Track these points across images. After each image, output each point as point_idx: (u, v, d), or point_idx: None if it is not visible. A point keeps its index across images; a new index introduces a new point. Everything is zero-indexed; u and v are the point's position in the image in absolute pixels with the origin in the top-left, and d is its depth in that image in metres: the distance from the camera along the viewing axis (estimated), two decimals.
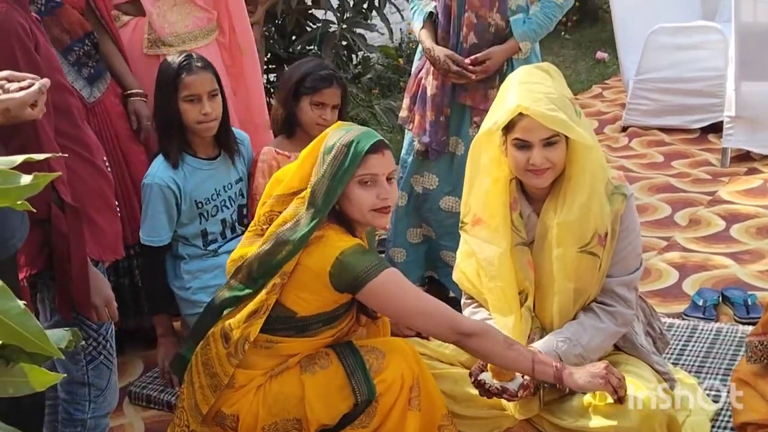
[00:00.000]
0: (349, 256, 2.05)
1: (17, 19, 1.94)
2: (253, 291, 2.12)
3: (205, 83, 2.75)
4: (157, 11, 3.14)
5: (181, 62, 2.74)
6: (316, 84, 2.86)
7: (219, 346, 2.13)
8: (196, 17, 3.25)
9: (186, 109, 2.73)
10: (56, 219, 1.98)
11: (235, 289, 2.17)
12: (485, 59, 2.97)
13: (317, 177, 2.09)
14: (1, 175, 0.85)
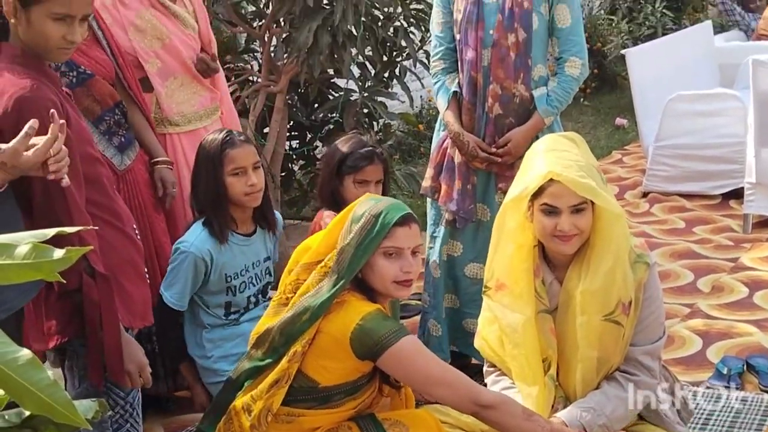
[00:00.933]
0: (369, 321, 2.06)
1: (47, 95, 2.01)
2: (274, 360, 2.12)
3: (249, 156, 2.79)
4: (165, 90, 3.22)
5: (224, 138, 2.80)
6: (357, 163, 2.93)
7: (242, 419, 2.12)
8: (202, 97, 3.33)
9: (232, 183, 2.77)
10: (88, 288, 2.01)
11: (255, 360, 2.17)
12: (506, 142, 3.03)
13: (343, 244, 2.12)
14: (35, 249, 0.88)
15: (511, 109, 3.05)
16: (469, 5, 3.05)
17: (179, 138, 3.27)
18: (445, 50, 3.20)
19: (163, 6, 3.23)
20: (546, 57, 3.13)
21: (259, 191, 2.81)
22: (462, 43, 3.10)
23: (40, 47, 2.05)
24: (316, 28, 4.16)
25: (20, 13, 2.00)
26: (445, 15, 3.19)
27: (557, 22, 3.05)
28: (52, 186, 1.98)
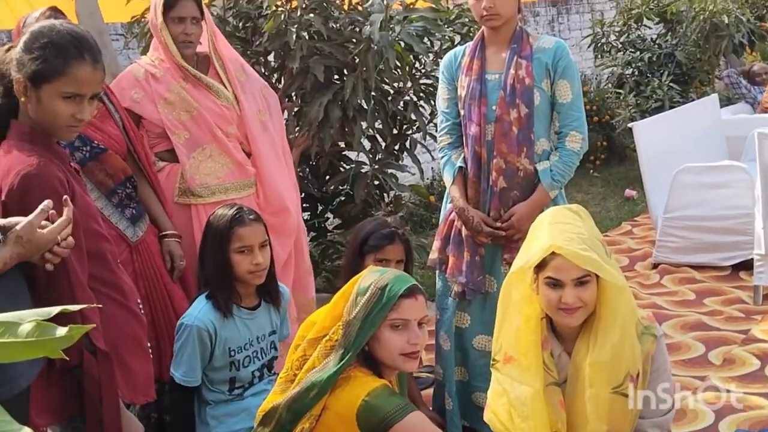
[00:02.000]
0: (376, 397, 2.05)
1: (54, 172, 2.05)
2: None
3: (257, 234, 2.82)
4: (191, 162, 3.27)
5: (234, 215, 2.82)
6: (378, 242, 3.02)
7: None
8: (230, 170, 3.36)
9: (238, 260, 2.79)
10: (88, 364, 2.03)
11: None
12: (510, 216, 3.06)
13: (349, 318, 2.12)
14: (39, 327, 0.90)
15: (516, 183, 3.09)
16: (473, 82, 3.13)
17: (204, 209, 3.29)
18: (451, 125, 3.27)
19: (196, 78, 3.31)
20: (548, 131, 3.18)
21: (263, 270, 2.83)
22: (466, 119, 3.16)
23: (49, 125, 2.10)
24: (326, 102, 4.24)
25: (30, 92, 2.06)
26: (450, 91, 3.27)
27: (558, 97, 3.11)
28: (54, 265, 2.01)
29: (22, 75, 2.05)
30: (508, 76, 3.06)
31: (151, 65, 3.30)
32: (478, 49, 3.17)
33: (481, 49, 3.17)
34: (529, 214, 2.98)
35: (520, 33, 3.12)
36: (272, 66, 4.81)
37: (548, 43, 3.13)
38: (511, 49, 3.09)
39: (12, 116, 2.14)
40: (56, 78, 2.04)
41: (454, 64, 3.27)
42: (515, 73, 3.04)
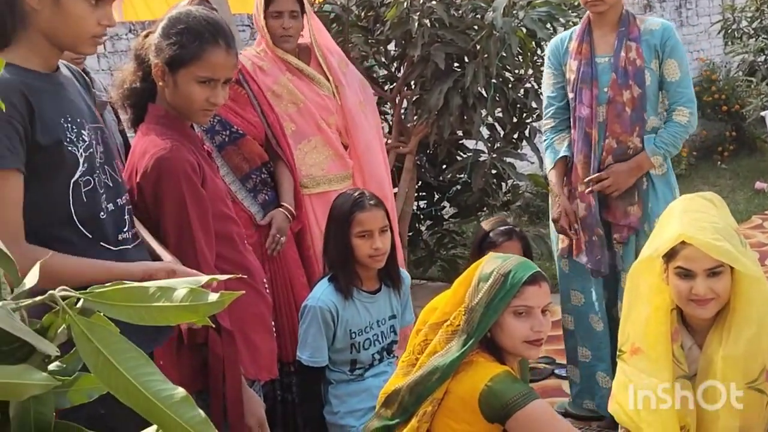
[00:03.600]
0: (498, 383, 2.03)
1: (185, 155, 2.12)
2: (404, 420, 2.12)
3: (376, 219, 2.83)
4: (297, 153, 3.33)
5: (355, 199, 2.85)
6: (496, 239, 3.08)
7: None
8: (333, 162, 3.41)
9: (358, 244, 2.82)
10: (213, 342, 2.09)
11: (384, 419, 2.17)
12: (606, 177, 3.17)
13: (471, 304, 2.11)
14: (192, 293, 0.93)
15: (623, 160, 3.18)
16: (583, 66, 3.21)
17: (310, 199, 3.35)
18: (556, 109, 3.37)
19: (299, 70, 3.37)
20: (657, 109, 3.27)
21: (383, 255, 2.85)
22: (576, 101, 3.24)
23: (184, 108, 2.17)
24: (447, 90, 4.23)
25: (167, 77, 2.13)
26: (556, 76, 3.36)
27: (667, 76, 3.20)
28: (185, 244, 2.09)
29: (159, 60, 2.12)
30: (618, 59, 3.15)
31: (257, 57, 3.36)
32: (585, 33, 3.25)
33: (588, 33, 3.26)
34: (627, 172, 3.16)
35: (627, 16, 3.22)
36: (392, 55, 4.84)
37: (655, 25, 3.22)
38: (620, 32, 3.18)
39: (150, 100, 2.22)
40: (191, 63, 2.10)
41: (561, 48, 3.34)
42: (626, 56, 3.14)
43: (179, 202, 2.08)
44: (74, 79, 1.93)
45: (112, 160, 1.92)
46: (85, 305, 0.95)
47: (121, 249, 1.88)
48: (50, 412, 0.98)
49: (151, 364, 0.92)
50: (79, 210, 1.78)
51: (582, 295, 3.39)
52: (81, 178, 1.78)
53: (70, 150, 1.76)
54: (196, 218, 2.09)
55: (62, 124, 1.76)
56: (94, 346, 0.91)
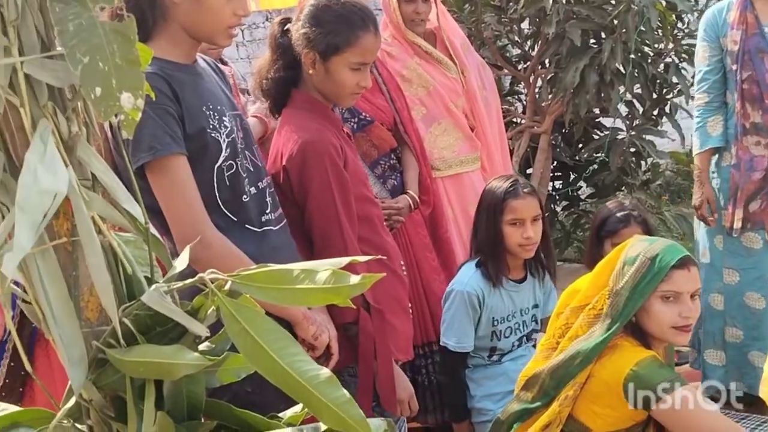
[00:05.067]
0: (644, 368, 1.97)
1: (329, 138, 2.16)
2: (545, 404, 2.09)
3: (530, 208, 2.77)
4: (428, 136, 3.31)
5: (508, 187, 2.79)
6: (614, 226, 2.92)
7: None
8: (463, 143, 3.38)
9: (509, 232, 2.77)
10: (363, 321, 2.13)
11: (525, 402, 2.14)
12: None
13: (616, 287, 2.05)
14: (334, 275, 0.94)
15: None
16: (749, 36, 3.10)
17: (442, 182, 3.35)
18: (711, 84, 3.26)
19: (427, 53, 3.36)
20: None
21: (533, 244, 2.78)
22: (737, 74, 3.14)
23: (334, 94, 2.22)
24: (583, 67, 4.13)
25: (319, 65, 2.17)
26: (712, 49, 3.24)
27: None
28: (330, 226, 2.13)
29: (311, 49, 2.16)
30: None
31: (384, 43, 3.35)
32: (746, 2, 3.13)
33: (749, 2, 3.13)
34: None
35: None
36: (526, 33, 4.76)
37: None
38: None
39: (291, 86, 2.26)
40: (345, 49, 2.13)
41: (719, 20, 3.22)
42: None
43: (324, 185, 2.12)
44: (210, 69, 2.00)
45: (252, 145, 1.98)
46: (233, 287, 0.98)
47: (265, 230, 1.94)
48: (201, 390, 1.02)
49: (296, 344, 0.93)
50: (224, 194, 1.86)
51: (737, 274, 3.27)
52: (224, 163, 1.85)
53: (213, 136, 1.82)
54: (341, 201, 2.13)
55: (204, 111, 1.82)
56: (242, 327, 0.93)
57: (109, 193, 0.97)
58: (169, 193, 1.74)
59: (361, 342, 2.13)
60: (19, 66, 0.88)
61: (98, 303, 0.98)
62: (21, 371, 2.10)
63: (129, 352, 0.92)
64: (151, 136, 1.69)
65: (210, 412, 1.03)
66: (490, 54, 4.58)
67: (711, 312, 3.36)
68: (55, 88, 0.92)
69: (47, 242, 0.92)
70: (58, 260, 0.93)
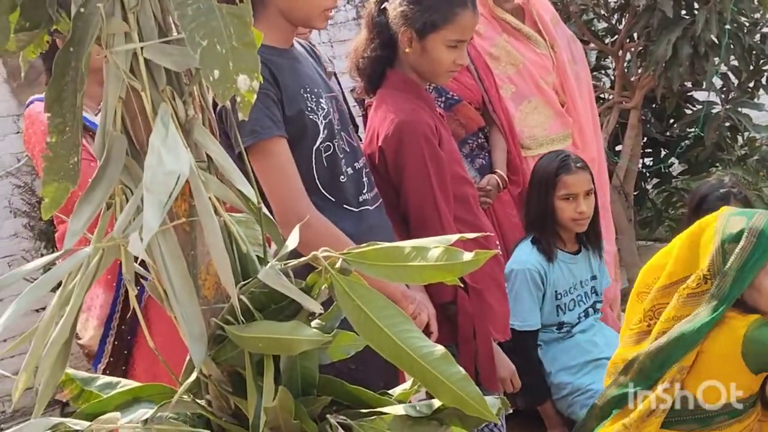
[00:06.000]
0: (755, 330, 1.91)
1: (424, 118, 2.16)
2: (646, 387, 2.04)
3: (582, 183, 2.80)
4: (518, 115, 3.26)
5: (561, 162, 2.82)
6: (713, 205, 2.83)
7: None
8: (554, 121, 3.31)
9: (561, 207, 2.79)
10: (462, 300, 2.14)
11: (623, 387, 2.09)
12: None
13: (722, 268, 2.00)
14: (446, 252, 0.94)
15: None
16: None
17: (533, 161, 3.29)
18: None
19: (516, 29, 3.31)
20: None
21: (586, 219, 2.80)
22: None
23: (430, 72, 2.22)
24: (675, 39, 4.00)
25: (415, 43, 2.17)
26: None
27: None
28: (426, 206, 2.13)
29: (409, 27, 2.16)
30: None
31: None
32: None
33: None
34: None
35: None
36: (613, 6, 4.64)
37: None
38: None
39: (387, 65, 2.26)
40: (443, 27, 2.13)
41: None
42: None
43: (421, 165, 2.13)
44: (306, 53, 2.02)
45: (347, 126, 2.00)
46: (344, 265, 0.99)
47: (362, 210, 1.96)
48: (315, 366, 1.03)
49: (409, 321, 0.94)
50: (322, 175, 1.89)
51: None
52: (322, 144, 1.87)
53: (311, 118, 1.85)
54: (437, 181, 2.13)
55: (302, 94, 1.85)
56: (356, 304, 0.94)
57: (224, 175, 1.00)
58: (270, 176, 1.77)
59: (460, 321, 2.14)
60: (140, 51, 0.90)
61: (215, 281, 1.01)
62: (124, 350, 2.18)
63: (248, 328, 0.95)
64: (253, 120, 1.73)
65: (323, 388, 1.05)
66: (576, 28, 4.47)
67: None
68: (173, 72, 0.94)
69: (168, 223, 0.94)
70: (178, 240, 0.96)
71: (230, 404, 1.02)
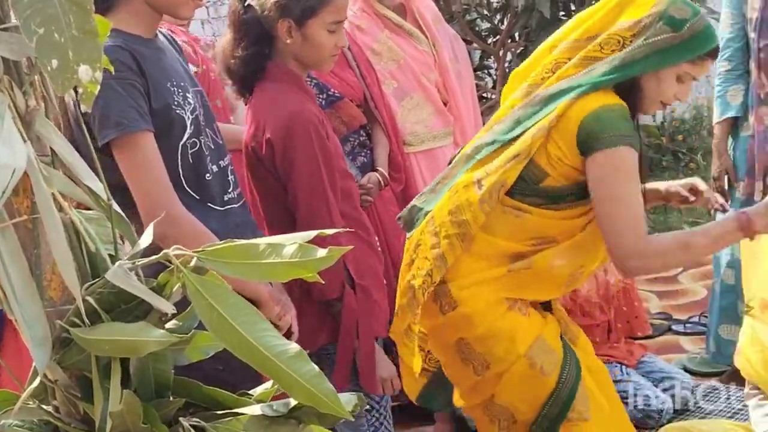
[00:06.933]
0: (608, 112, 1.90)
1: (313, 110, 2.15)
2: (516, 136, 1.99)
3: None
4: (400, 111, 3.29)
5: None
6: None
7: (471, 192, 1.99)
8: (436, 118, 3.36)
9: None
10: (348, 297, 2.12)
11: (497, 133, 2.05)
12: None
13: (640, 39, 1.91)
14: (301, 249, 0.93)
15: None
16: (767, 5, 3.05)
17: (415, 157, 3.33)
18: (733, 51, 3.22)
19: (398, 26, 3.33)
20: None
21: None
22: (757, 42, 3.09)
23: (314, 60, 2.21)
24: None
25: (295, 32, 2.14)
26: (734, 16, 3.21)
27: None
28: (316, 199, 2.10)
29: (286, 17, 2.13)
30: None
31: (354, 16, 3.32)
32: None
33: None
34: None
35: None
36: (495, 6, 4.74)
37: None
38: None
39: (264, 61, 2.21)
40: (322, 9, 2.12)
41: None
42: None
43: (311, 157, 2.10)
44: (170, 45, 1.96)
45: (212, 122, 1.95)
46: (199, 264, 0.96)
47: (227, 209, 1.92)
48: (169, 368, 1.00)
49: (264, 319, 0.92)
50: (187, 172, 1.83)
51: None
52: (188, 140, 1.82)
53: (178, 113, 1.79)
54: (327, 174, 2.12)
55: (169, 88, 1.79)
56: (209, 303, 0.92)
57: (70, 170, 0.95)
58: (136, 170, 1.71)
59: (343, 319, 2.12)
60: None
61: (61, 282, 0.96)
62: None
63: (93, 331, 0.91)
64: (119, 112, 1.66)
65: (178, 390, 1.01)
66: (459, 28, 4.55)
67: (724, 287, 3.34)
68: (11, 61, 0.89)
69: (7, 220, 0.89)
70: (19, 238, 0.91)
71: (79, 410, 0.97)
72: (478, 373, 2.00)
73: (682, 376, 3.13)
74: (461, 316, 1.99)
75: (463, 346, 2.00)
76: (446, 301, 2.01)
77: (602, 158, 1.89)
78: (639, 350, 3.23)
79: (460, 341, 2.00)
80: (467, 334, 1.99)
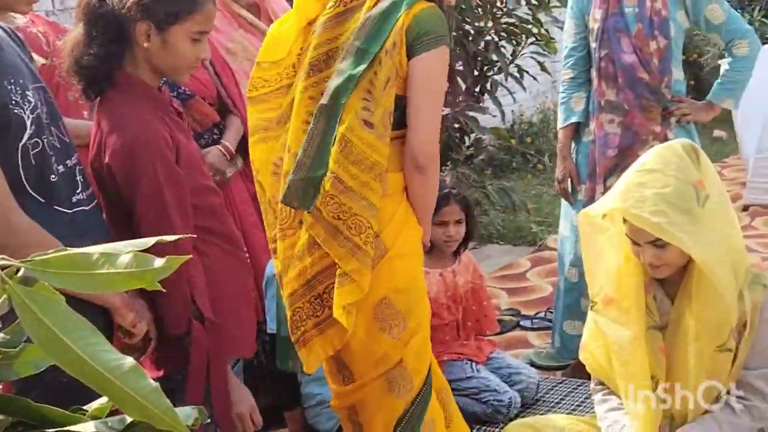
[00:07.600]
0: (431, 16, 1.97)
1: (160, 132, 1.96)
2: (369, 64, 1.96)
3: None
4: None
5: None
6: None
7: (363, 136, 1.95)
8: None
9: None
10: (197, 332, 1.99)
11: (346, 71, 1.97)
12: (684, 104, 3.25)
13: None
14: (136, 258, 0.89)
15: None
16: (611, 15, 3.17)
17: None
18: (576, 60, 3.34)
19: (252, 25, 3.29)
20: (679, 61, 3.27)
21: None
22: (598, 52, 3.21)
23: (169, 68, 2.03)
24: None
25: (154, 36, 1.97)
26: (578, 26, 3.33)
27: (712, 20, 3.18)
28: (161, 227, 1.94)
29: (147, 19, 1.95)
30: (645, 9, 3.13)
31: None
32: None
33: None
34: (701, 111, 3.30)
35: None
36: None
37: None
38: None
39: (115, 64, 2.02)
40: (188, 17, 1.97)
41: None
42: (651, 6, 3.12)
43: (155, 186, 1.93)
44: (9, 39, 1.82)
45: (58, 120, 1.83)
46: (28, 274, 0.91)
47: (77, 211, 1.81)
48: None
49: (98, 334, 0.88)
50: (30, 174, 1.72)
51: None
52: (29, 141, 1.70)
53: (16, 113, 1.68)
54: (173, 202, 1.96)
55: (5, 86, 1.68)
56: (37, 317, 0.86)
57: None
58: None
59: (192, 355, 1.99)
60: None
61: None
62: None
63: None
64: None
65: (5, 408, 0.95)
66: None
67: (568, 285, 3.44)
68: None
69: None
70: None
71: None
72: (395, 336, 2.02)
73: (528, 371, 3.23)
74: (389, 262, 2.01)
75: (384, 308, 2.03)
76: (377, 254, 2.00)
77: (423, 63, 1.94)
78: (488, 347, 3.31)
79: (382, 301, 2.02)
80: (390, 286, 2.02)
